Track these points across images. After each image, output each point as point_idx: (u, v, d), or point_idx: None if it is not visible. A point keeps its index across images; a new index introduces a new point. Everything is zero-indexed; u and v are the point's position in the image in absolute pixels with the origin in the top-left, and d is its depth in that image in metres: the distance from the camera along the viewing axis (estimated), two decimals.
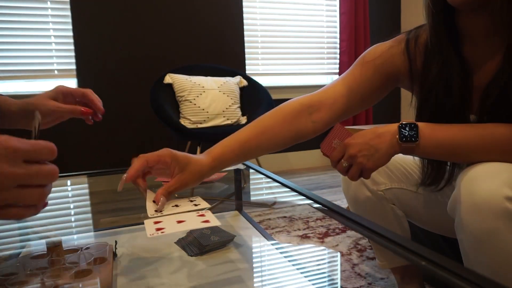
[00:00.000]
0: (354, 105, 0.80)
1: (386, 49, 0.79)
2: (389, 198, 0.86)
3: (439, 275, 0.36)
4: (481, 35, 0.66)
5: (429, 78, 0.72)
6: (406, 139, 0.66)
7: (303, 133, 0.78)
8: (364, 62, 0.80)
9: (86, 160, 2.39)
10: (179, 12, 2.55)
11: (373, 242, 1.10)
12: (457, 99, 0.69)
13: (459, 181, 0.62)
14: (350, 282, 1.11)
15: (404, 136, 0.66)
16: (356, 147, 0.69)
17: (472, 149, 0.64)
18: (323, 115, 0.79)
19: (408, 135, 0.66)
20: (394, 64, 0.78)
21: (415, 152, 0.67)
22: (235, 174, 1.15)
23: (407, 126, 0.66)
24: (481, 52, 0.68)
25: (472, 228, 0.59)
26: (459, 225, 0.62)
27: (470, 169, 0.62)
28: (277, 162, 2.93)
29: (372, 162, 0.68)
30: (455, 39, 0.70)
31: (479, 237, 0.58)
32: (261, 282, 0.72)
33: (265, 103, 2.25)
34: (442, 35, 0.69)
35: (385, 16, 3.17)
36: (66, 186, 1.01)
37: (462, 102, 0.69)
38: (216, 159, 0.68)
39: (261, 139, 0.74)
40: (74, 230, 0.88)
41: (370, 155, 0.68)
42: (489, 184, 0.57)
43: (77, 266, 0.69)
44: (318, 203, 0.60)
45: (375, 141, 0.68)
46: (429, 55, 0.73)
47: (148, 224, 0.55)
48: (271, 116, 0.77)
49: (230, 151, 0.71)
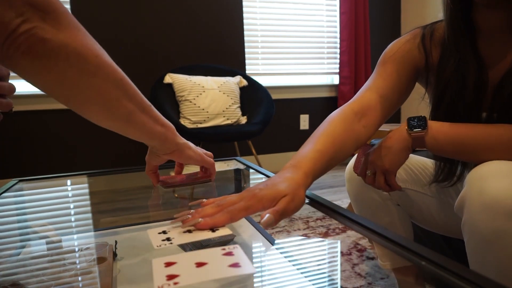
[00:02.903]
0: (390, 103, 0.80)
1: (403, 44, 0.80)
2: (394, 199, 0.86)
3: (440, 276, 0.36)
4: (497, 31, 0.67)
5: (446, 73, 0.72)
6: (414, 128, 0.69)
7: (360, 139, 0.74)
8: (385, 61, 0.81)
9: (86, 160, 2.39)
10: (179, 12, 2.55)
11: (375, 243, 1.10)
12: (472, 94, 0.69)
13: (468, 180, 0.62)
14: (350, 282, 1.11)
15: (413, 126, 0.69)
16: (373, 153, 0.73)
17: (480, 146, 0.64)
18: (370, 119, 0.77)
19: (417, 124, 0.69)
20: (411, 58, 0.79)
21: (425, 143, 0.68)
22: (235, 174, 1.15)
23: (415, 118, 0.69)
24: (496, 49, 0.68)
25: (481, 228, 0.57)
26: (467, 224, 0.61)
27: (480, 167, 0.61)
28: (277, 162, 2.93)
29: (387, 161, 0.70)
30: (472, 35, 0.70)
31: (488, 237, 0.57)
32: (261, 282, 0.72)
33: (265, 103, 2.25)
34: (459, 31, 0.69)
35: (385, 16, 3.16)
36: (66, 186, 1.01)
37: (477, 98, 0.69)
38: (309, 175, 0.59)
39: (335, 149, 0.68)
40: (74, 230, 0.88)
41: (384, 155, 0.71)
42: (499, 183, 0.56)
43: (77, 266, 0.69)
44: (318, 203, 0.60)
45: (386, 142, 0.72)
46: (445, 50, 0.73)
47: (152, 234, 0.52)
48: (333, 124, 0.72)
49: (319, 164, 0.63)
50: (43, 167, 2.34)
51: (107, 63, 0.49)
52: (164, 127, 0.61)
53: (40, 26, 0.40)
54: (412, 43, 0.79)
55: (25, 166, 2.31)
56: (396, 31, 3.18)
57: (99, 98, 0.49)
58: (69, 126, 2.36)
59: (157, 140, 0.61)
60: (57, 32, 0.42)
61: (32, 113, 2.29)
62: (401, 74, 0.79)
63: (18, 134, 2.28)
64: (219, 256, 0.45)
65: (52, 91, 0.46)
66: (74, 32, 0.44)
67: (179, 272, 0.40)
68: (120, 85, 0.52)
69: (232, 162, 1.15)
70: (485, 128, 0.65)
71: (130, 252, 0.84)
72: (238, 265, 0.42)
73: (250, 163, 1.03)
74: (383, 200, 0.85)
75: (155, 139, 0.61)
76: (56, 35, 0.42)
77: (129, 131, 0.56)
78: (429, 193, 0.84)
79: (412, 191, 0.85)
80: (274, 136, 2.92)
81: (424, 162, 0.89)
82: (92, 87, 0.47)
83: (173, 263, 0.42)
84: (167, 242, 0.51)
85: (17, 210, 0.92)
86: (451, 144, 0.67)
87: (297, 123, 2.98)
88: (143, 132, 0.58)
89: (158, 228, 0.56)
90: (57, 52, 0.42)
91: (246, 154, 2.80)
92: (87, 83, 0.46)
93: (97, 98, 0.48)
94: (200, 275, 0.40)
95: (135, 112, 0.54)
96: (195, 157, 0.69)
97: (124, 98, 0.52)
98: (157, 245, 0.49)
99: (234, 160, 1.16)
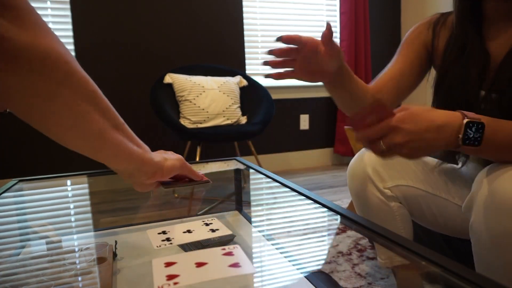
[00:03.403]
0: (404, 84, 0.86)
1: (417, 27, 0.88)
2: (395, 196, 0.85)
3: (439, 275, 0.36)
4: (503, 19, 0.72)
5: (451, 55, 0.77)
6: (469, 142, 0.58)
7: None
8: (402, 43, 0.89)
9: (86, 160, 2.39)
10: (179, 12, 2.55)
11: (375, 240, 1.10)
12: (476, 76, 0.72)
13: (477, 181, 0.61)
14: (350, 282, 1.11)
15: (468, 139, 0.57)
16: (406, 136, 0.57)
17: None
18: (383, 97, 0.85)
19: (473, 137, 0.57)
20: (422, 39, 0.86)
21: (468, 153, 0.62)
22: (235, 174, 1.15)
23: (474, 125, 0.57)
24: (501, 35, 0.73)
25: (490, 229, 0.57)
26: (476, 224, 0.60)
27: (492, 167, 0.61)
28: (277, 162, 2.93)
29: (418, 154, 0.59)
30: (478, 22, 0.75)
31: (496, 238, 0.56)
32: (261, 282, 0.72)
33: (265, 103, 2.25)
34: (466, 18, 0.75)
35: (385, 16, 3.16)
36: (66, 186, 1.01)
37: (480, 78, 0.73)
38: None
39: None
40: (74, 230, 0.88)
41: (418, 148, 0.58)
42: (509, 184, 0.55)
43: (77, 266, 0.69)
44: (318, 203, 0.60)
45: (432, 135, 0.57)
46: (452, 34, 0.79)
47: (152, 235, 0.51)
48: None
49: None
50: (43, 167, 2.34)
51: (77, 72, 0.43)
52: (141, 148, 0.55)
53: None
54: (425, 26, 0.86)
55: (25, 166, 2.31)
56: (396, 31, 3.18)
57: (66, 111, 0.42)
58: None
59: (135, 162, 0.53)
60: (19, 31, 0.36)
61: None
62: (413, 55, 0.86)
63: (18, 134, 2.28)
64: (219, 256, 0.44)
65: (10, 98, 0.39)
66: (40, 33, 0.38)
67: (179, 272, 0.40)
68: (91, 98, 0.45)
69: (232, 162, 1.15)
70: None
71: (130, 252, 0.84)
72: (238, 265, 0.42)
73: (250, 163, 1.03)
74: (384, 197, 0.85)
75: (132, 160, 0.53)
76: (17, 34, 0.36)
77: (103, 152, 0.49)
78: (431, 191, 0.84)
79: (414, 188, 0.85)
80: (274, 136, 2.92)
81: (425, 158, 0.89)
82: (59, 98, 0.41)
83: (173, 263, 0.42)
84: (167, 242, 0.51)
85: (17, 210, 0.92)
86: (495, 155, 0.61)
87: (297, 123, 2.98)
88: (119, 152, 0.50)
89: (158, 228, 0.56)
90: (19, 54, 0.36)
91: (246, 154, 2.80)
92: (53, 93, 0.40)
93: (65, 111, 0.42)
94: (200, 275, 0.40)
95: (107, 129, 0.48)
96: (176, 163, 0.62)
97: (95, 112, 0.45)
98: (157, 245, 0.49)
99: (234, 160, 1.16)
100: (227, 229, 0.53)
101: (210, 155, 2.69)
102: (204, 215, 0.84)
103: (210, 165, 1.14)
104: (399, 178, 0.85)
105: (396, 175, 0.85)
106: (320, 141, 3.08)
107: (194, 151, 2.62)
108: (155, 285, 0.38)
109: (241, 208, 1.15)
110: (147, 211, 1.95)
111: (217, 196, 2.12)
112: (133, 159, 0.52)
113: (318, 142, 3.07)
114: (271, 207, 1.92)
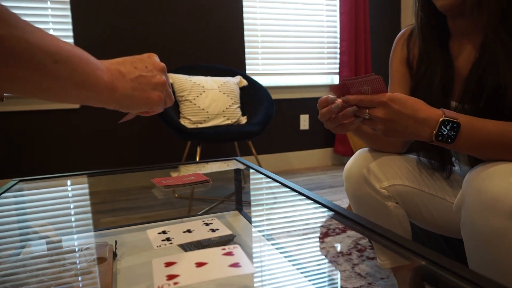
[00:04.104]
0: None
1: (395, 45, 0.92)
2: (392, 196, 0.85)
3: (439, 275, 0.36)
4: (463, 34, 0.77)
5: (420, 67, 0.83)
6: (442, 139, 0.63)
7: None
8: (390, 68, 0.93)
9: (86, 160, 2.39)
10: (179, 12, 2.55)
11: (374, 241, 1.10)
12: (439, 87, 0.78)
13: (466, 180, 0.62)
14: (350, 282, 1.11)
15: (442, 135, 0.62)
16: (390, 114, 0.63)
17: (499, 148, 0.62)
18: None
19: (447, 135, 0.62)
20: (401, 57, 0.90)
21: (445, 147, 0.66)
22: (235, 174, 1.15)
23: (449, 124, 0.62)
24: (464, 48, 0.78)
25: (480, 227, 0.58)
26: (466, 224, 0.61)
27: (480, 167, 0.62)
28: (277, 162, 2.93)
29: (392, 134, 0.65)
30: (445, 36, 0.81)
31: (487, 236, 0.57)
32: (261, 282, 0.72)
33: (265, 103, 2.25)
34: (428, 36, 0.81)
35: (385, 16, 3.16)
36: (66, 186, 1.01)
37: (444, 90, 0.78)
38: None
39: None
40: (74, 230, 0.88)
41: (395, 129, 0.64)
42: (499, 182, 0.56)
43: (77, 266, 0.69)
44: (318, 203, 0.60)
45: (411, 123, 0.63)
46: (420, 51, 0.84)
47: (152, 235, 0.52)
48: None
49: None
50: (43, 167, 2.34)
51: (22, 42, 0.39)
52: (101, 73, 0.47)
53: None
54: (400, 44, 0.90)
55: (25, 166, 2.31)
56: (396, 31, 3.18)
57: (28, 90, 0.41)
58: (69, 126, 2.36)
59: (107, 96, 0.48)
60: None
61: (32, 113, 2.29)
62: (399, 72, 0.90)
63: (18, 134, 2.28)
64: (219, 256, 0.44)
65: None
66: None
67: (179, 272, 0.40)
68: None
69: (232, 162, 1.15)
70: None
71: (130, 252, 0.84)
72: (238, 265, 0.42)
73: (250, 163, 1.03)
74: (381, 198, 0.85)
75: (104, 96, 0.47)
76: None
77: (88, 102, 0.46)
78: (427, 190, 0.84)
79: (410, 188, 0.85)
80: (274, 136, 2.92)
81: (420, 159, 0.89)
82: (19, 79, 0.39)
83: (173, 263, 0.42)
84: (167, 242, 0.51)
85: (17, 210, 0.92)
86: (471, 149, 0.65)
87: (297, 123, 2.98)
88: (95, 100, 0.46)
89: (158, 228, 0.56)
90: None
91: (246, 154, 2.80)
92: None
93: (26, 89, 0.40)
94: (200, 275, 0.40)
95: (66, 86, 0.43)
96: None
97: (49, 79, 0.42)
98: (157, 245, 0.49)
99: (234, 160, 1.16)
100: (227, 229, 0.53)
101: (210, 155, 2.69)
102: (204, 215, 0.84)
103: (210, 165, 1.14)
104: (395, 177, 0.85)
105: (392, 175, 0.85)
106: (320, 141, 3.08)
107: (194, 151, 2.62)
108: (155, 285, 0.38)
109: (241, 208, 1.15)
110: (147, 211, 1.95)
111: (217, 196, 2.12)
112: (104, 95, 0.47)
113: (318, 142, 3.07)
114: (271, 207, 1.92)
